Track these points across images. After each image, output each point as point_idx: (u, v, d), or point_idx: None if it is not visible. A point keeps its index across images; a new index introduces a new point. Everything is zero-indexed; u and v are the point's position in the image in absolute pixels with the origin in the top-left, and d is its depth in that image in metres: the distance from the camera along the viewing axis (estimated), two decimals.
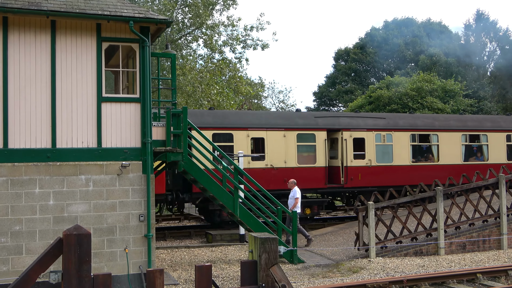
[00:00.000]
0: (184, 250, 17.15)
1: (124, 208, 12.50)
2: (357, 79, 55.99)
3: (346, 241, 17.65)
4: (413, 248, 15.69)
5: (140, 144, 12.69)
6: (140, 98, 12.71)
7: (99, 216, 12.31)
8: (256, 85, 50.99)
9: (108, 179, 12.43)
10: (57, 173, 12.09)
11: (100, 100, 12.41)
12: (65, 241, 4.62)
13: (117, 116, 12.58)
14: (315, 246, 17.23)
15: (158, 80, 15.23)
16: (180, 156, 13.42)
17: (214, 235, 18.75)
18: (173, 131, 13.30)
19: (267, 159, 20.60)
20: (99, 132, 12.39)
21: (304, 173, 20.93)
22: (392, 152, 22.45)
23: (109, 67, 14.28)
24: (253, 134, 20.50)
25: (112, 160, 12.49)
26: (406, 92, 37.01)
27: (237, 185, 14.66)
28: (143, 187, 12.64)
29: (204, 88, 29.59)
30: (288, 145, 20.85)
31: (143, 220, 12.58)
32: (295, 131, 21.00)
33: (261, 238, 5.12)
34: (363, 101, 40.05)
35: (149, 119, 12.64)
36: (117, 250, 12.40)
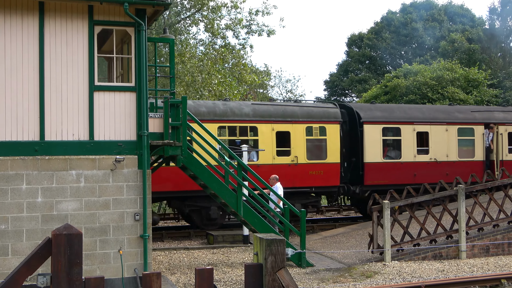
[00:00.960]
0: (183, 252, 17.19)
1: (118, 206, 12.52)
2: (371, 67, 55.83)
3: (359, 243, 17.64)
4: (432, 251, 15.67)
5: (136, 137, 12.69)
6: (136, 87, 12.71)
7: (91, 214, 12.34)
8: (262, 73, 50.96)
9: (101, 175, 12.45)
10: (45, 168, 12.11)
11: (93, 89, 12.42)
12: (54, 242, 4.62)
13: (110, 106, 12.59)
14: (325, 248, 17.24)
15: (155, 68, 15.22)
16: (179, 150, 13.42)
17: (216, 236, 18.79)
18: (171, 123, 13.30)
19: (431, 152, 22.67)
20: (91, 124, 12.40)
21: (463, 166, 22.88)
22: None
23: (102, 53, 14.27)
24: (419, 129, 22.58)
25: (105, 154, 12.50)
26: (425, 81, 36.88)
27: (241, 182, 14.66)
28: (139, 183, 12.65)
29: (204, 77, 29.58)
30: (449, 139, 22.92)
31: (139, 220, 12.60)
32: (455, 126, 23.19)
33: (267, 240, 5.11)
34: (378, 91, 39.91)
35: (145, 110, 12.64)
36: (110, 251, 12.43)
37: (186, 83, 29.44)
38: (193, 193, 19.46)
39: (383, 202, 15.14)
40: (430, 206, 16.13)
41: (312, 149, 20.96)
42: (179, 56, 29.85)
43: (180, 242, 19.56)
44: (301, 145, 20.69)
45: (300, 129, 20.73)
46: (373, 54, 56.01)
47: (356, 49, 57.90)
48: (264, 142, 20.19)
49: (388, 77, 40.70)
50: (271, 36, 35.00)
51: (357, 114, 22.07)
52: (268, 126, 20.29)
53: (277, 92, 57.84)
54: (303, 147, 20.71)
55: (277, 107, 20.96)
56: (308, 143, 20.85)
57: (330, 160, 21.14)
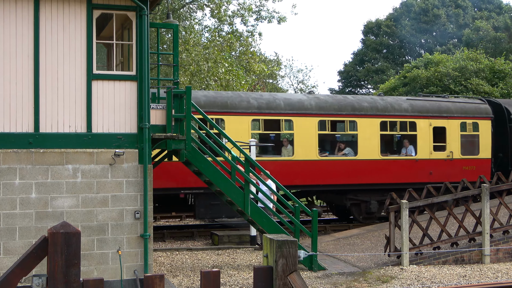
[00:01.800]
0: (186, 253, 17.23)
1: (117, 203, 12.55)
2: (389, 57, 55.63)
3: (375, 246, 17.62)
4: (453, 255, 15.63)
5: (137, 130, 12.71)
6: (137, 75, 12.71)
7: (88, 212, 12.38)
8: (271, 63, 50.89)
9: (99, 170, 12.48)
10: (40, 162, 12.15)
11: (91, 78, 12.43)
12: (50, 240, 4.62)
13: (110, 96, 12.60)
14: (338, 251, 17.24)
15: (158, 55, 15.21)
16: (183, 143, 13.43)
17: (221, 236, 18.83)
18: (174, 115, 13.30)
19: None
20: (89, 115, 12.42)
21: None
22: None
23: (101, 39, 14.28)
24: None
25: (103, 148, 12.53)
26: (447, 72, 36.71)
27: (248, 179, 14.66)
28: (140, 179, 12.67)
29: (211, 66, 29.57)
30: None
31: (139, 218, 12.63)
32: None
33: (278, 241, 5.10)
34: (397, 82, 39.78)
35: (147, 101, 12.65)
36: (108, 251, 12.47)
37: (191, 72, 29.45)
38: (354, 187, 21.43)
39: (401, 202, 15.11)
40: (452, 207, 16.08)
41: (466, 145, 22.71)
42: (183, 43, 29.86)
43: (182, 242, 19.60)
44: (455, 141, 22.48)
45: (455, 125, 22.54)
46: (391, 43, 55.80)
47: (372, 37, 57.68)
48: (422, 137, 22.07)
49: (407, 68, 40.55)
50: (281, 23, 34.94)
51: (506, 110, 23.68)
52: (425, 121, 22.19)
53: (287, 82, 57.81)
54: (458, 142, 22.49)
55: (432, 102, 22.79)
56: (462, 139, 22.61)
57: (482, 155, 22.80)
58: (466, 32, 47.73)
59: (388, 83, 40.90)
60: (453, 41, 52.43)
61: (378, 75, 52.95)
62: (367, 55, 56.51)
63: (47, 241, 4.67)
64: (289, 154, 20.66)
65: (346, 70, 57.99)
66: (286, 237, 5.27)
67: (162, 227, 22.74)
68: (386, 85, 40.77)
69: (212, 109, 19.47)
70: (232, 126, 19.62)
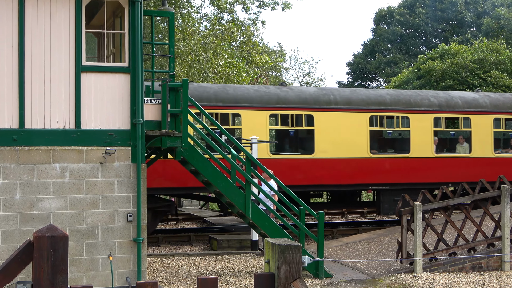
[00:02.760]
0: (182, 258, 17.25)
1: (108, 205, 12.57)
2: (402, 47, 55.58)
3: (386, 251, 17.63)
4: (470, 262, 15.62)
5: (129, 126, 12.73)
6: (130, 67, 12.73)
7: (77, 214, 12.40)
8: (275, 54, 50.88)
9: (88, 169, 12.50)
10: (25, 160, 12.18)
11: (80, 70, 12.45)
12: (36, 245, 4.64)
13: (100, 89, 12.62)
14: (346, 257, 17.25)
15: (152, 46, 15.22)
16: (179, 141, 13.45)
17: (220, 240, 18.85)
18: (170, 110, 13.32)
19: None
20: (78, 110, 12.44)
21: None
22: None
23: (91, 28, 14.29)
24: None
25: (93, 145, 12.55)
26: (465, 64, 36.69)
27: (250, 179, 14.67)
28: (132, 179, 12.69)
29: (209, 57, 29.59)
30: None
31: (132, 221, 12.66)
32: None
33: (280, 246, 5.11)
34: (410, 75, 39.78)
35: (140, 94, 12.67)
36: (99, 257, 12.49)
37: (188, 63, 29.47)
38: None
39: (414, 204, 15.11)
40: (469, 209, 16.07)
41: None
42: (180, 32, 29.87)
43: (178, 247, 19.63)
44: None
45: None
46: (404, 32, 55.72)
47: (384, 26, 57.62)
48: None
49: (422, 59, 40.53)
50: (286, 10, 34.94)
51: None
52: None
53: (292, 75, 57.82)
54: None
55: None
56: None
57: None
58: (486, 21, 47.63)
59: (401, 76, 40.89)
60: (472, 30, 52.34)
61: (390, 67, 52.92)
62: (379, 45, 56.45)
63: (32, 245, 4.69)
64: (465, 151, 22.82)
65: (356, 61, 57.95)
66: (290, 241, 5.28)
67: (156, 230, 22.76)
68: (399, 78, 40.77)
69: (396, 107, 21.89)
70: (417, 124, 21.96)
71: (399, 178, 21.60)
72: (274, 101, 20.31)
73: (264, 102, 20.17)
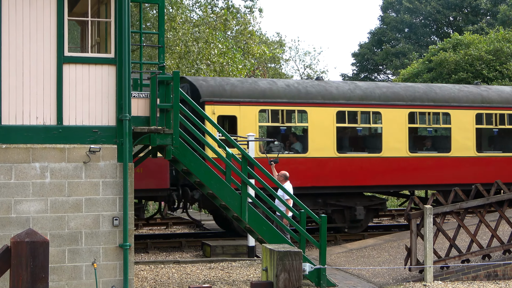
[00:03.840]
0: (172, 266, 17.27)
1: (92, 208, 12.57)
2: (412, 37, 55.63)
3: (393, 258, 17.67)
4: (485, 269, 15.65)
5: (115, 122, 12.72)
6: (116, 58, 12.71)
7: (59, 218, 12.39)
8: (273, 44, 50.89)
9: (71, 169, 12.49)
10: (2, 159, 12.17)
11: (62, 61, 12.43)
12: (13, 251, 4.64)
13: (84, 82, 12.61)
14: (350, 264, 17.28)
15: (141, 35, 15.21)
16: (170, 138, 13.44)
17: (214, 246, 18.86)
18: (160, 105, 13.31)
19: None
20: (59, 105, 12.42)
21: None
22: None
23: (74, 16, 14.26)
24: None
25: (76, 143, 12.54)
26: (479, 55, 36.73)
27: (246, 180, 14.68)
28: (119, 179, 12.69)
29: (201, 47, 29.58)
30: None
31: (118, 225, 12.65)
32: None
33: (279, 252, 5.13)
34: (420, 67, 39.79)
35: (127, 88, 12.66)
36: (82, 264, 12.49)
37: (179, 54, 29.45)
38: None
39: (424, 207, 15.14)
40: (484, 213, 16.11)
41: None
42: (170, 21, 29.85)
43: (169, 254, 19.64)
44: None
45: None
46: (414, 21, 55.76)
47: (393, 14, 57.68)
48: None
49: (433, 50, 40.56)
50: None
51: None
52: None
53: (292, 67, 57.87)
54: None
55: None
56: None
57: None
58: (502, 9, 47.69)
59: (410, 68, 40.90)
60: (487, 19, 52.38)
61: (398, 59, 52.94)
62: (386, 35, 56.49)
63: (9, 251, 4.69)
64: None
65: (362, 52, 57.98)
66: (289, 247, 5.31)
67: (145, 236, 22.77)
68: (408, 70, 40.79)
69: None
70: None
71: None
72: None
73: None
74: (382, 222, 27.10)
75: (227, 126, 20.97)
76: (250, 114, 20.47)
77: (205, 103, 19.89)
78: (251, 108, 20.51)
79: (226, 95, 20.36)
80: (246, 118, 20.44)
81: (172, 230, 24.94)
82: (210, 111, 19.80)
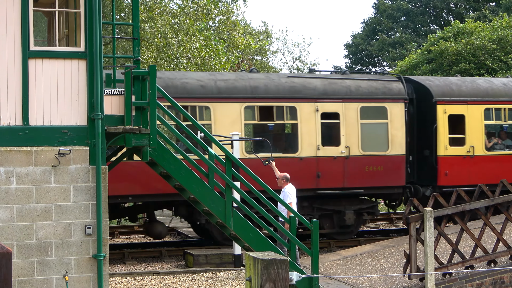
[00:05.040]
0: (152, 278, 17.24)
1: (62, 215, 12.52)
2: (409, 26, 55.84)
3: (392, 266, 17.71)
4: (491, 276, 15.72)
5: (87, 121, 12.68)
6: (86, 52, 12.67)
7: (26, 227, 12.34)
8: (259, 35, 50.93)
9: (39, 173, 12.44)
10: None
11: (27, 56, 12.38)
12: None
13: (52, 79, 12.56)
14: (345, 273, 17.31)
15: (113, 26, 15.19)
16: (146, 139, 13.39)
17: (197, 256, 18.84)
18: (135, 102, 13.27)
19: None
20: (25, 104, 12.37)
21: None
22: None
23: (39, 7, 14.22)
24: None
25: (44, 145, 12.49)
26: (482, 44, 36.90)
27: (231, 182, 14.66)
28: (91, 184, 12.65)
29: (182, 39, 29.54)
30: None
31: (91, 234, 12.61)
32: None
33: (263, 260, 5.13)
34: (419, 58, 39.94)
35: (99, 84, 12.62)
36: (52, 277, 12.45)
37: (156, 47, 29.40)
38: None
39: (424, 210, 15.17)
40: (488, 215, 16.16)
41: None
42: (146, 11, 29.80)
43: (148, 265, 19.61)
44: None
45: None
46: (412, 8, 55.98)
47: (388, 1, 57.86)
48: None
49: (433, 39, 40.73)
50: None
51: None
52: None
53: (280, 60, 57.97)
54: None
55: None
56: None
57: None
58: None
59: (408, 60, 41.05)
60: (490, 5, 52.65)
61: (395, 49, 53.11)
62: (381, 23, 56.67)
63: None
64: None
65: (355, 43, 58.15)
66: (274, 255, 5.30)
67: (121, 245, 22.72)
68: (406, 62, 40.92)
69: None
70: None
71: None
72: None
73: None
74: (379, 226, 27.14)
75: (455, 125, 22.75)
76: (476, 112, 22.82)
77: (437, 102, 22.39)
78: (477, 107, 22.88)
79: (454, 95, 22.84)
80: (473, 117, 22.58)
81: (150, 239, 24.89)
82: (442, 111, 22.18)
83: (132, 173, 19.22)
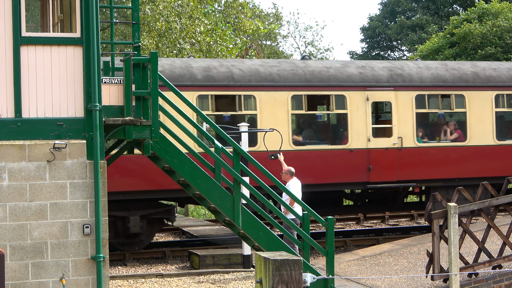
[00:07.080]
0: (155, 280, 17.27)
1: (59, 214, 12.55)
2: (431, 7, 55.65)
3: (413, 266, 17.70)
4: None
5: (84, 113, 12.69)
6: (83, 38, 12.68)
7: (20, 227, 12.37)
8: (269, 18, 50.85)
9: (33, 169, 12.46)
10: None
11: (19, 42, 12.40)
12: None
13: (46, 67, 12.57)
14: (363, 274, 17.30)
15: (111, 10, 15.16)
16: (148, 131, 13.39)
17: (203, 256, 18.85)
18: (135, 92, 13.27)
19: None
20: (17, 94, 12.39)
21: None
22: None
23: None
24: None
25: (38, 139, 12.51)
26: (509, 26, 36.75)
27: (239, 178, 14.65)
28: (89, 180, 12.67)
29: (185, 23, 29.52)
30: None
31: (90, 234, 12.63)
32: None
33: (275, 261, 5.12)
34: (441, 41, 39.80)
35: (97, 73, 12.62)
36: (48, 280, 12.48)
37: (158, 32, 29.39)
38: None
39: (448, 205, 15.14)
40: None
41: None
42: None
43: (150, 266, 19.64)
44: None
45: None
46: None
47: None
48: None
49: (456, 22, 40.58)
50: None
51: None
52: None
53: (292, 45, 57.91)
54: None
55: None
56: None
57: None
58: None
59: (430, 44, 40.92)
60: None
61: (415, 33, 52.95)
62: (400, 5, 56.50)
63: None
64: None
65: (372, 26, 57.99)
66: (287, 255, 5.29)
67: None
68: (427, 46, 40.80)
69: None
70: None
71: None
72: None
73: None
74: (399, 224, 27.11)
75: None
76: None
77: None
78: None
79: None
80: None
81: (154, 239, 24.93)
82: None
83: None
